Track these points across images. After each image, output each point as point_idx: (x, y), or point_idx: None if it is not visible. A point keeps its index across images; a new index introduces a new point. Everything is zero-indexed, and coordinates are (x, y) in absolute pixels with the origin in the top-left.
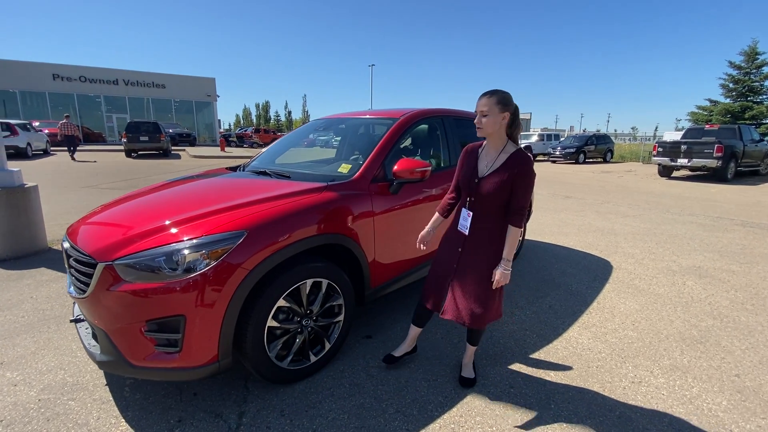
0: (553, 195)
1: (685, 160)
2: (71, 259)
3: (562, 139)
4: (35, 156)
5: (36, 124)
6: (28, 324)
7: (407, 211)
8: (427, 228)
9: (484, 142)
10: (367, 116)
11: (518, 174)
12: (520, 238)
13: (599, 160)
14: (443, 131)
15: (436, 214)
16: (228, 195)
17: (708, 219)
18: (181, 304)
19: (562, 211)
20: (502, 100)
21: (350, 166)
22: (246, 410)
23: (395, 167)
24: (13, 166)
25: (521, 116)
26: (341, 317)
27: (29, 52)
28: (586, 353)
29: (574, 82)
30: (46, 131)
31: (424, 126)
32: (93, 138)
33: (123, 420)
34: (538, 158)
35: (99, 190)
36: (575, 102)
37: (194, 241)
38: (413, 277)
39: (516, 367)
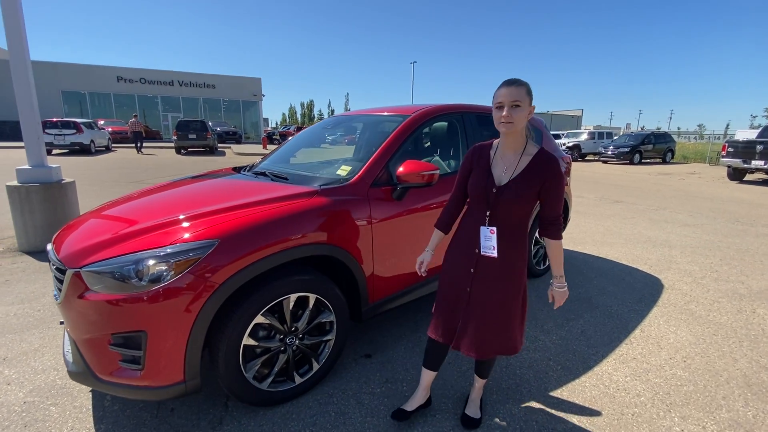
0: (600, 199)
1: (761, 162)
2: (51, 263)
3: (615, 137)
4: (98, 152)
5: (101, 122)
6: (40, 319)
7: (413, 219)
8: (427, 249)
9: (495, 143)
10: (385, 113)
11: (549, 178)
12: None
13: (658, 160)
14: (462, 129)
15: (437, 232)
16: (213, 199)
17: None
18: (142, 319)
19: (608, 217)
20: (530, 90)
21: (350, 167)
22: None
23: (399, 170)
24: (77, 161)
25: (571, 113)
26: (332, 335)
27: (96, 56)
28: (620, 395)
29: (631, 76)
30: (110, 129)
31: (441, 123)
32: (151, 135)
33: None
34: (587, 158)
35: (144, 185)
36: (632, 97)
37: (159, 250)
38: (422, 291)
39: (532, 406)
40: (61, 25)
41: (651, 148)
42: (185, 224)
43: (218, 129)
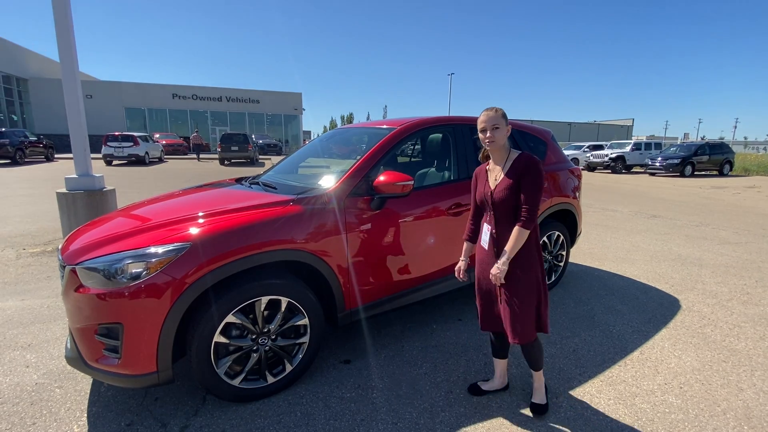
0: (635, 213)
1: None
2: (59, 260)
3: (670, 148)
4: (151, 163)
5: (156, 136)
6: None
7: (392, 229)
8: (461, 258)
9: (490, 162)
10: (384, 126)
11: (523, 173)
12: (561, 265)
13: (714, 173)
14: (453, 141)
15: (465, 243)
16: (202, 206)
17: None
18: (119, 312)
19: (639, 232)
20: (504, 113)
21: (333, 177)
22: (190, 424)
23: (376, 180)
24: (131, 171)
25: (621, 122)
26: (306, 339)
27: (153, 75)
28: (596, 418)
29: (689, 81)
30: (164, 142)
31: (433, 135)
32: (202, 148)
33: (85, 415)
34: (633, 170)
35: None
36: (691, 106)
37: (139, 251)
38: (407, 300)
39: (497, 422)
40: (126, 49)
41: (706, 159)
42: (167, 228)
43: (260, 141)
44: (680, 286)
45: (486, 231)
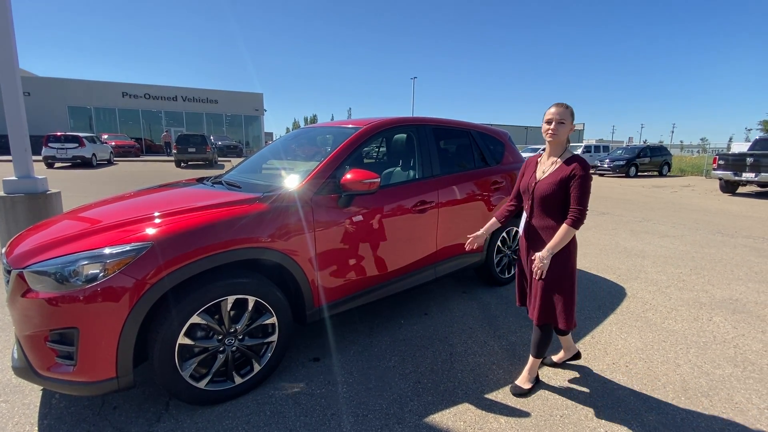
0: None
1: (752, 175)
2: (3, 265)
3: (616, 151)
4: (99, 165)
5: (105, 137)
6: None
7: (359, 226)
8: (482, 230)
9: (542, 152)
10: (349, 125)
11: (574, 174)
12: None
13: (654, 173)
14: (417, 141)
15: (493, 219)
16: (163, 206)
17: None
18: (74, 316)
19: (590, 228)
20: (573, 112)
21: (299, 176)
22: (153, 431)
23: (342, 178)
24: (78, 173)
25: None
26: (274, 337)
27: (103, 73)
28: (553, 398)
29: (634, 90)
30: (113, 143)
31: (398, 135)
32: (154, 149)
33: (36, 428)
34: None
35: None
36: (635, 111)
37: (96, 251)
38: (375, 295)
39: (464, 406)
40: (69, 43)
41: (647, 161)
42: (126, 228)
43: (219, 143)
44: (626, 276)
45: (524, 219)
